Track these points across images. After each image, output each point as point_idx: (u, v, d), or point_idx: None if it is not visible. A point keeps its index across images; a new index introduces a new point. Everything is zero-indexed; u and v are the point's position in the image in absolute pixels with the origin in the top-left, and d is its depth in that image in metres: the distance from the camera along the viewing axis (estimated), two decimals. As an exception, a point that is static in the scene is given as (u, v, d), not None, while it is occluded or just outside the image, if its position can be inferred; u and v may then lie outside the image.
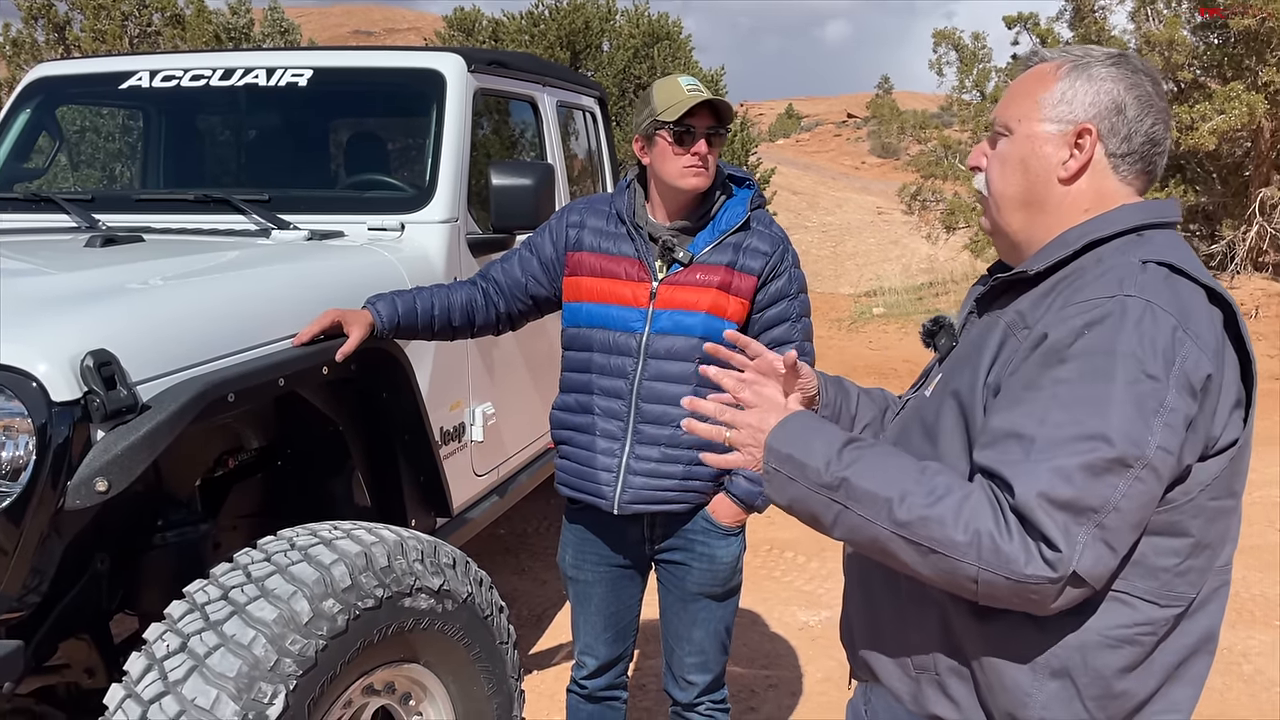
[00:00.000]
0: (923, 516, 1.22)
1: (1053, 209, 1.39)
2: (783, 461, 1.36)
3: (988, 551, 1.19)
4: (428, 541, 2.34)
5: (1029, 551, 1.17)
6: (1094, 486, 1.17)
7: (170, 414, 1.93)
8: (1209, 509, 1.27)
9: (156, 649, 1.98)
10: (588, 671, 2.62)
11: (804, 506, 1.35)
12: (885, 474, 1.28)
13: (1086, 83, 1.36)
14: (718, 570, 2.45)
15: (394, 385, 2.70)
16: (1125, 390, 1.18)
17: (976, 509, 1.20)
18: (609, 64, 15.47)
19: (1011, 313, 1.36)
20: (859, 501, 1.28)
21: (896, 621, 1.46)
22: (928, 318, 1.65)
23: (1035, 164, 1.39)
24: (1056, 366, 1.23)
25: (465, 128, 3.28)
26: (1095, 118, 1.35)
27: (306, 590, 2.02)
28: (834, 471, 1.30)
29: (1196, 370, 1.20)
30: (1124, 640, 1.28)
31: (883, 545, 1.27)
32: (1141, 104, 1.35)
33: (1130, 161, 1.36)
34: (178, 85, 3.45)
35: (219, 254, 2.69)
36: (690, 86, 2.27)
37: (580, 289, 2.38)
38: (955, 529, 1.20)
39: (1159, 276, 1.25)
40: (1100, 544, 1.18)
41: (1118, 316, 1.21)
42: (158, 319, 2.11)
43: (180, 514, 2.36)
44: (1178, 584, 1.28)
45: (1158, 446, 1.18)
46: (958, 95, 13.17)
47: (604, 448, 2.36)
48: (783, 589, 4.63)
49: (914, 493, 1.24)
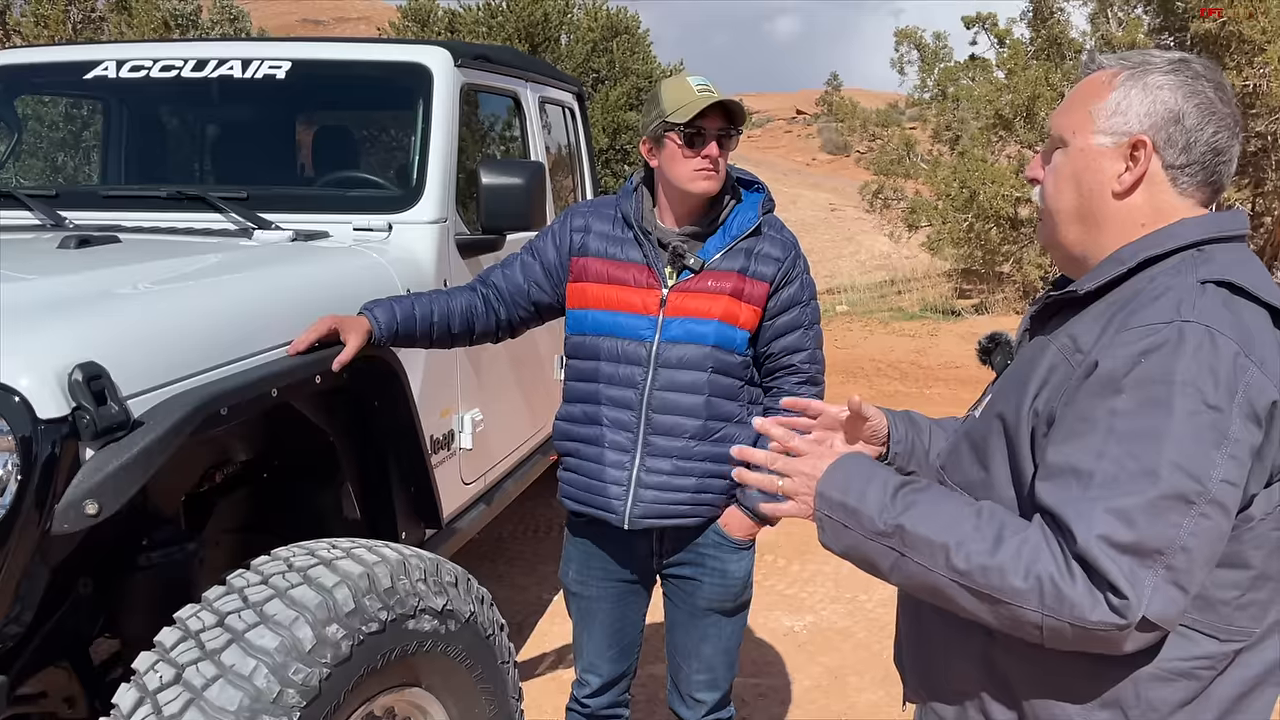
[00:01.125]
0: (983, 565, 1.18)
1: (1108, 224, 1.32)
2: (834, 509, 1.33)
3: (1050, 598, 1.14)
4: (430, 559, 2.24)
5: (1094, 597, 1.13)
6: (1157, 527, 1.12)
7: (165, 431, 1.81)
8: (1272, 539, 1.21)
9: (148, 680, 1.86)
10: (590, 690, 2.54)
11: (859, 554, 1.32)
12: (941, 519, 1.24)
13: (1142, 92, 1.29)
14: (729, 585, 2.38)
15: (387, 394, 2.59)
16: (1185, 422, 1.12)
17: (1036, 553, 1.16)
18: (568, 57, 15.33)
19: (1064, 336, 1.30)
20: (915, 549, 1.25)
21: (942, 647, 1.42)
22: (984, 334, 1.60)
23: (1089, 178, 1.32)
24: (1112, 397, 1.17)
25: (453, 124, 3.17)
26: (1151, 129, 1.28)
27: (309, 615, 1.91)
28: (887, 519, 1.27)
29: (1261, 397, 1.14)
30: (1180, 674, 1.23)
31: (942, 592, 1.24)
32: (1202, 111, 1.27)
33: (1191, 173, 1.29)
34: (147, 76, 3.29)
35: (203, 256, 2.55)
36: (701, 86, 2.18)
37: (586, 295, 2.29)
38: (1016, 575, 1.16)
39: (1218, 299, 1.19)
40: (1170, 586, 1.13)
41: (1175, 343, 1.15)
42: (148, 328, 1.98)
43: (166, 532, 2.23)
44: (1238, 617, 1.23)
45: (1221, 480, 1.13)
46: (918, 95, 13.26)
47: (613, 460, 2.28)
48: (765, 594, 4.57)
49: (972, 539, 1.20)
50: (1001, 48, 11.97)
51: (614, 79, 15.49)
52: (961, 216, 11.45)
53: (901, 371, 9.48)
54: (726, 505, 2.34)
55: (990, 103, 11.26)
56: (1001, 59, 11.71)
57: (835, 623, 4.29)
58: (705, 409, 2.25)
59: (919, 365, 9.69)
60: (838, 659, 3.97)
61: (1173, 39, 10.72)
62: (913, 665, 1.51)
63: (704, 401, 2.24)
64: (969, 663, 1.37)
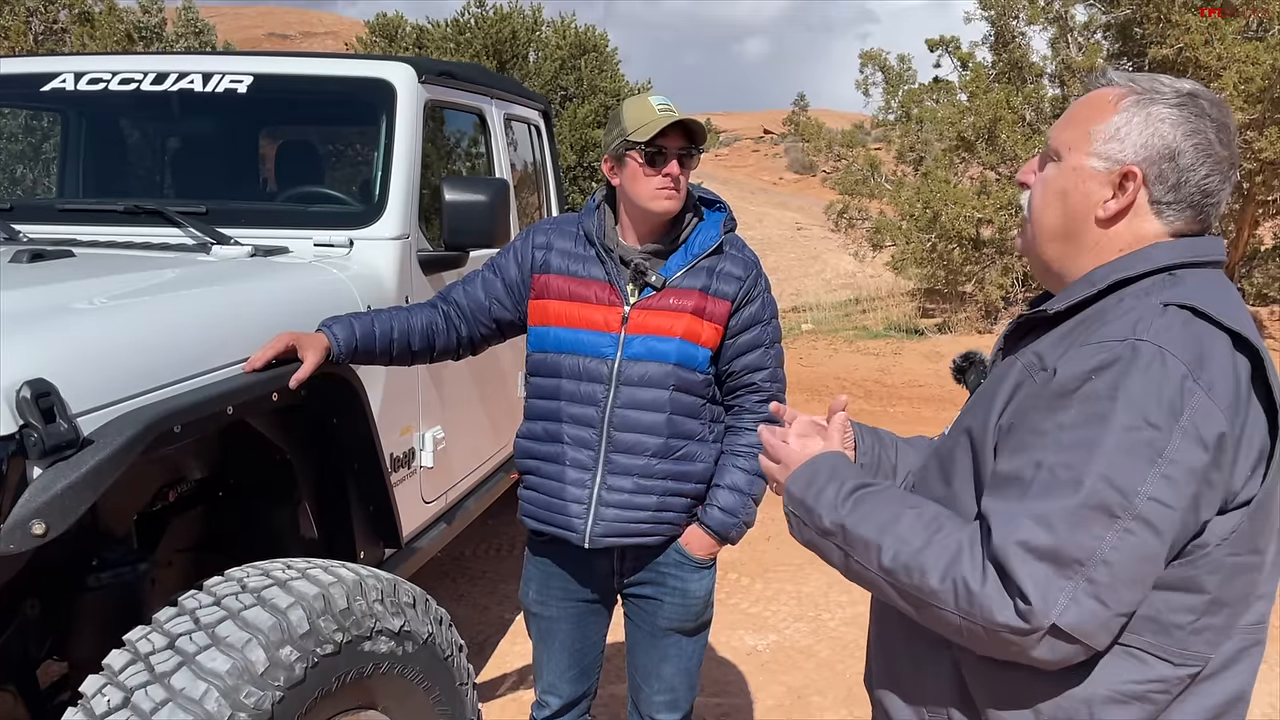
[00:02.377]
0: (906, 564, 1.22)
1: (1088, 247, 1.33)
2: (796, 504, 1.38)
3: (963, 599, 1.17)
4: (387, 579, 2.21)
5: (1003, 600, 1.14)
6: (1077, 536, 1.12)
7: (115, 450, 1.77)
8: (1227, 565, 1.21)
9: (96, 704, 1.81)
10: (550, 712, 2.52)
11: (815, 549, 1.37)
12: (880, 519, 1.28)
13: (1143, 122, 1.28)
14: (690, 604, 2.37)
15: (346, 412, 2.56)
16: (1120, 436, 1.13)
17: (957, 555, 1.19)
18: (536, 75, 15.35)
19: (1030, 354, 1.30)
20: (854, 548, 1.29)
21: (911, 667, 1.42)
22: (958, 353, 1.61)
23: (1075, 198, 1.33)
24: (1060, 411, 1.18)
25: (416, 140, 3.15)
26: (1144, 161, 1.27)
27: (262, 637, 1.88)
28: (834, 517, 1.32)
29: (1208, 423, 1.14)
30: (1134, 696, 1.23)
31: (880, 590, 1.28)
32: (1199, 152, 1.27)
33: (1177, 209, 1.29)
34: (105, 89, 3.24)
35: (159, 272, 2.51)
36: (662, 106, 2.19)
37: (548, 313, 2.29)
38: (934, 576, 1.19)
39: (1178, 320, 1.19)
40: (1090, 600, 1.13)
41: (1126, 361, 1.16)
42: (100, 344, 1.94)
43: (117, 552, 2.18)
44: (1193, 642, 1.23)
45: (1150, 497, 1.12)
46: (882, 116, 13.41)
47: (574, 478, 2.26)
48: (728, 612, 4.57)
49: (903, 539, 1.24)
50: (964, 71, 12.13)
51: (582, 96, 15.54)
52: (925, 237, 11.56)
53: (865, 390, 9.53)
54: (688, 524, 2.33)
55: (953, 125, 11.40)
56: (964, 82, 11.87)
57: (798, 641, 4.29)
58: (667, 427, 2.24)
59: (882, 384, 9.75)
60: (800, 678, 3.97)
61: (1131, 64, 10.92)
62: (881, 685, 1.50)
63: (666, 419, 2.24)
64: (937, 682, 1.37)
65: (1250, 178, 10.09)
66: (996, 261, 11.55)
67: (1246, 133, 9.54)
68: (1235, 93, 9.12)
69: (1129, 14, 10.41)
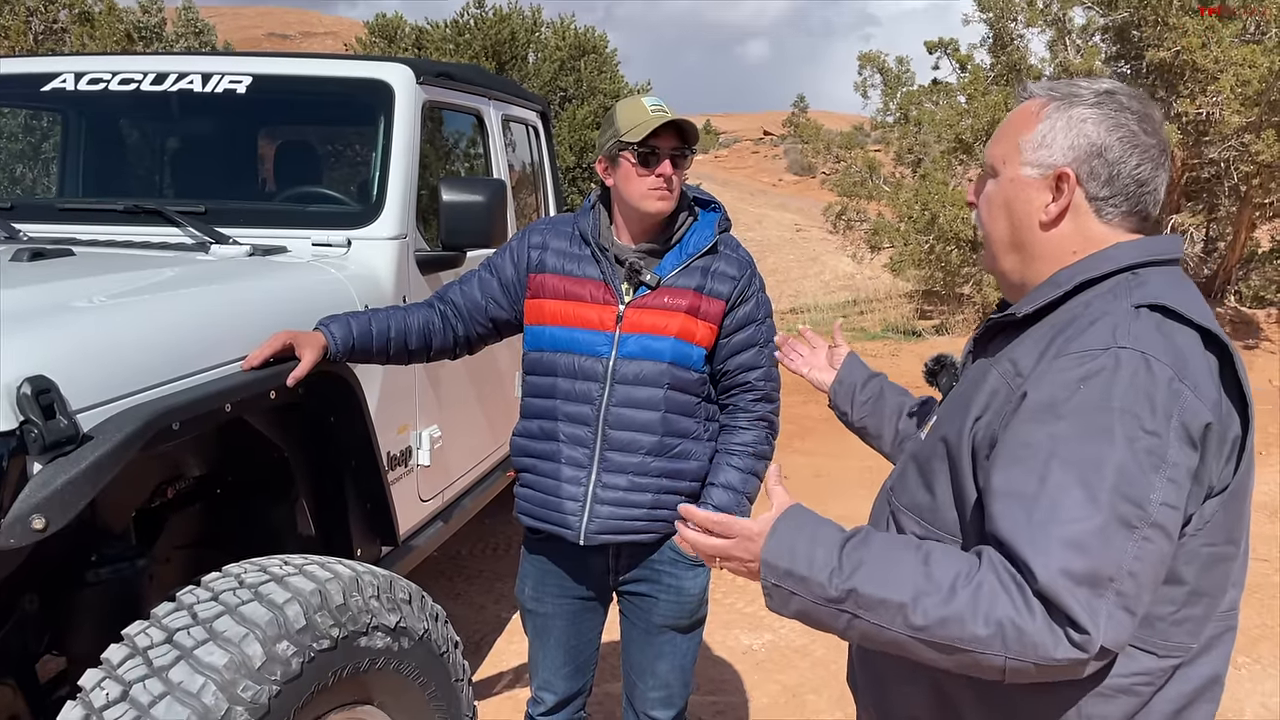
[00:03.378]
0: (941, 617, 1.17)
1: (1040, 253, 1.36)
2: (782, 578, 1.29)
3: (1013, 641, 1.14)
4: (383, 576, 2.23)
5: (1055, 635, 1.13)
6: (1105, 552, 1.13)
7: (114, 445, 1.79)
8: (1204, 555, 1.24)
9: (94, 698, 1.83)
10: (546, 708, 2.53)
11: (810, 619, 1.29)
12: (893, 576, 1.22)
13: (1066, 125, 1.33)
14: (684, 602, 2.39)
15: (344, 409, 2.58)
16: (1125, 448, 1.15)
17: (993, 597, 1.15)
18: (535, 75, 15.37)
19: (1005, 361, 1.32)
20: (870, 610, 1.22)
21: (893, 671, 1.43)
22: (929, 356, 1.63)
23: (1018, 208, 1.37)
24: (1053, 423, 1.19)
25: (414, 141, 3.17)
26: (1074, 162, 1.32)
27: (259, 632, 1.90)
28: (838, 584, 1.24)
29: (1195, 420, 1.17)
30: (1120, 690, 1.25)
31: (902, 647, 1.22)
32: (1125, 144, 1.31)
33: (1115, 204, 1.33)
34: (105, 89, 3.26)
35: (158, 270, 2.53)
36: (655, 106, 2.21)
37: (543, 312, 2.30)
38: (976, 623, 1.15)
39: (1151, 323, 1.22)
40: (1121, 612, 1.14)
41: (1112, 369, 1.18)
42: (99, 342, 1.96)
43: (115, 548, 2.20)
44: (1175, 633, 1.25)
45: (1161, 503, 1.15)
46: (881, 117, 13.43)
47: (569, 476, 2.28)
48: (724, 611, 4.58)
49: (926, 592, 1.19)
50: (963, 73, 12.16)
51: (581, 98, 15.55)
52: (923, 238, 11.59)
53: (863, 391, 9.52)
54: (682, 522, 2.35)
55: (951, 127, 11.43)
56: (963, 84, 11.90)
57: (793, 641, 4.31)
58: (662, 425, 2.26)
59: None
60: (795, 677, 3.99)
61: (1129, 66, 10.94)
62: (863, 687, 1.52)
63: (660, 418, 2.26)
64: (917, 687, 1.38)
65: (1247, 180, 10.12)
66: (994, 263, 11.54)
67: (1244, 136, 9.57)
68: (1232, 95, 9.15)
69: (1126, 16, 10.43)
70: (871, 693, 1.50)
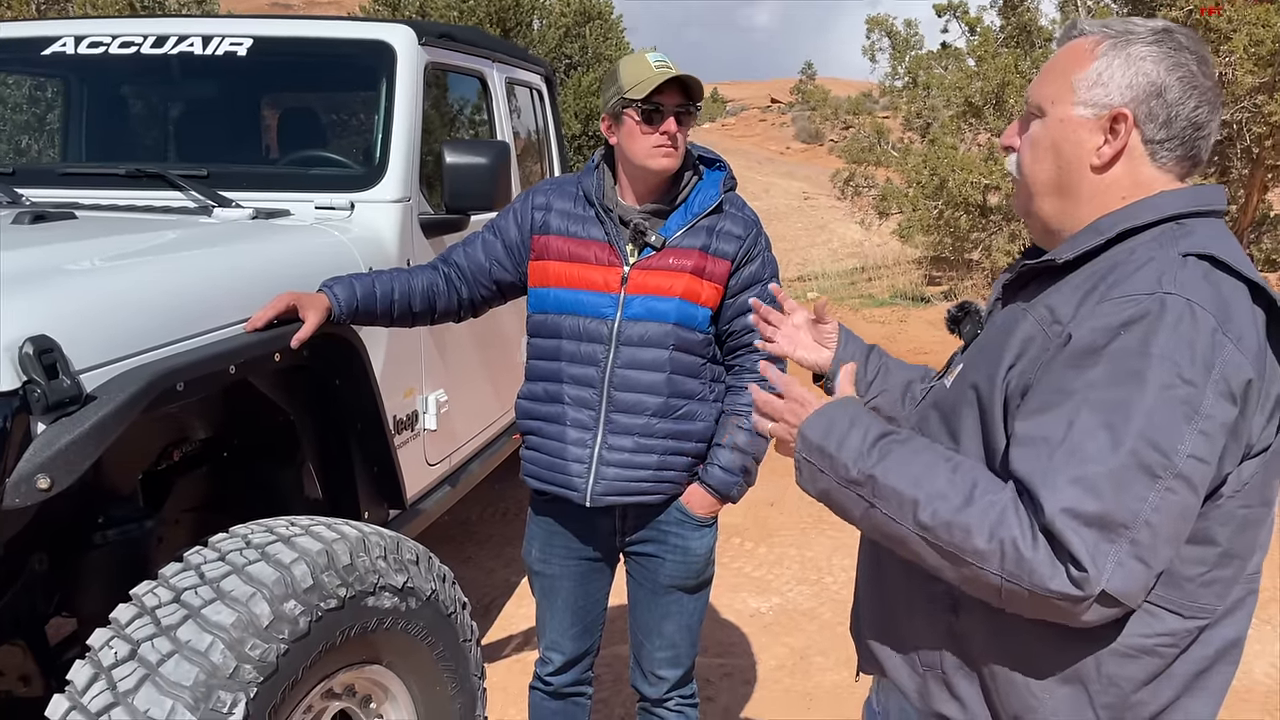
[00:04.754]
0: (948, 521, 1.17)
1: (1086, 197, 1.31)
2: (813, 452, 1.32)
3: (1011, 562, 1.13)
4: (390, 537, 2.23)
5: (1055, 567, 1.12)
6: (1122, 499, 1.11)
7: (118, 405, 1.79)
8: (1239, 517, 1.20)
9: (103, 656, 1.85)
10: (554, 668, 2.54)
11: (831, 499, 1.32)
12: (914, 472, 1.23)
13: (1124, 63, 1.26)
14: (691, 562, 2.39)
15: (349, 372, 2.58)
16: (1157, 395, 1.11)
17: (1003, 515, 1.15)
18: (540, 42, 15.25)
19: (1041, 307, 1.28)
20: (885, 499, 1.24)
21: (907, 616, 1.41)
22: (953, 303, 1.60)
23: (1068, 150, 1.31)
24: (1090, 368, 1.16)
25: (417, 103, 3.15)
26: (1132, 102, 1.26)
27: (266, 591, 1.91)
28: (862, 467, 1.26)
29: (1237, 375, 1.13)
30: (1144, 650, 1.22)
31: (907, 544, 1.23)
32: (1184, 85, 1.25)
33: (1170, 147, 1.27)
34: (105, 53, 3.24)
35: (160, 233, 2.52)
36: (658, 62, 2.18)
37: (548, 274, 2.29)
38: (980, 536, 1.15)
39: (1199, 272, 1.18)
40: (1134, 561, 1.11)
41: (1155, 316, 1.14)
42: (101, 303, 1.95)
43: (123, 510, 2.21)
44: (1203, 594, 1.22)
45: (1189, 455, 1.11)
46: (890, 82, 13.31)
47: (575, 438, 2.28)
48: (732, 575, 4.60)
49: (942, 495, 1.19)
50: (972, 35, 12.02)
51: (586, 65, 15.44)
52: (931, 204, 11.51)
53: (871, 357, 9.50)
54: (689, 483, 2.35)
55: (960, 90, 11.31)
56: (972, 47, 11.77)
57: (801, 604, 4.32)
58: (667, 386, 2.25)
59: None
60: (803, 640, 4.00)
61: (1140, 28, 10.77)
62: (872, 635, 1.50)
63: (665, 379, 2.25)
64: (933, 631, 1.36)
65: (1260, 142, 10.01)
66: (1004, 228, 11.49)
67: (1257, 97, 9.45)
68: (1245, 56, 9.03)
69: (1139, -24, 10.31)
70: (878, 629, 1.48)
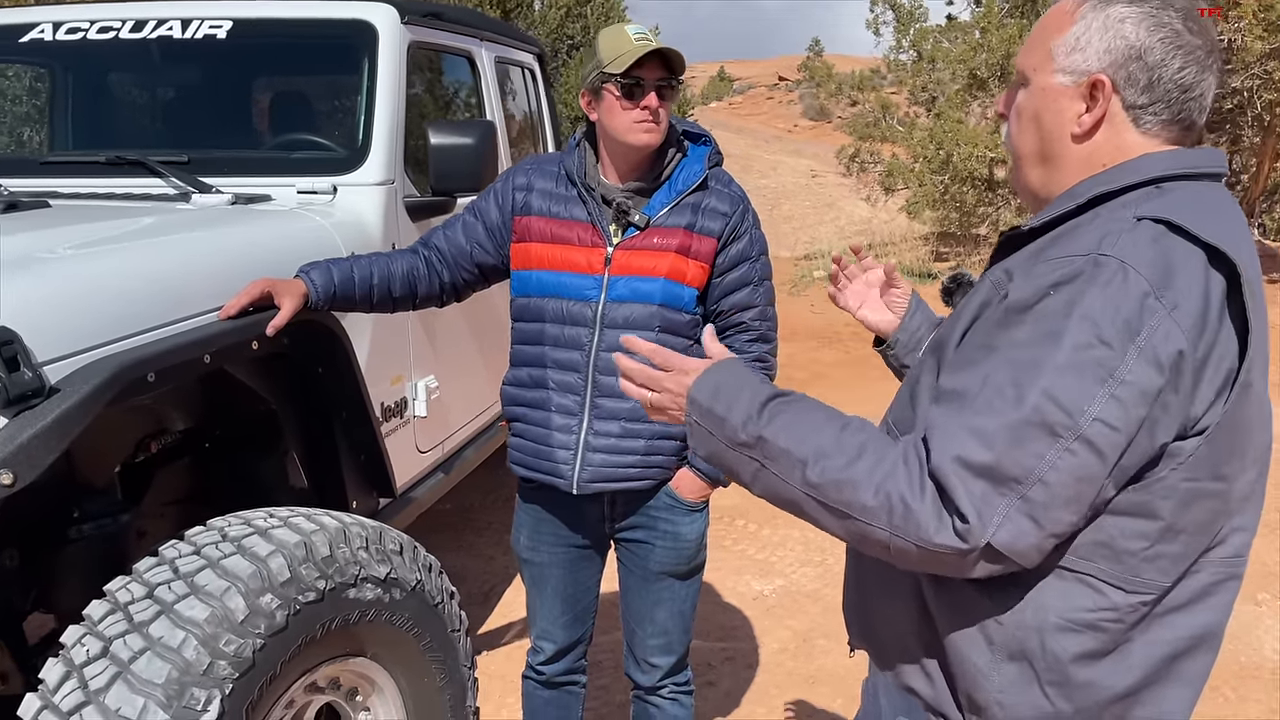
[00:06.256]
0: (835, 479, 1.16)
1: (1069, 166, 1.26)
2: (703, 415, 1.31)
3: (898, 516, 1.12)
4: (372, 527, 2.19)
5: (940, 519, 1.10)
6: (1014, 453, 1.08)
7: (82, 398, 1.74)
8: (1182, 490, 1.15)
9: (75, 654, 1.81)
10: (545, 657, 2.50)
11: (722, 462, 1.30)
12: (802, 432, 1.21)
13: (1102, 26, 1.21)
14: (682, 548, 2.34)
15: (331, 360, 2.53)
16: (1070, 354, 1.08)
17: (891, 470, 1.13)
18: (541, 23, 15.11)
19: (999, 270, 1.25)
20: (774, 460, 1.22)
21: (880, 590, 1.39)
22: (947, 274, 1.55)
23: (1049, 119, 1.27)
24: (1015, 327, 1.13)
25: (400, 83, 3.08)
26: (1110, 67, 1.21)
27: (241, 585, 1.87)
28: (751, 429, 1.24)
29: (1166, 344, 1.08)
30: (1085, 625, 1.19)
31: (799, 507, 1.22)
32: (1167, 45, 1.20)
33: (1155, 111, 1.22)
34: (84, 38, 3.19)
35: (134, 220, 2.47)
36: (638, 35, 2.11)
37: (530, 256, 2.23)
38: (866, 491, 1.14)
39: (1148, 235, 1.12)
40: (1023, 518, 1.09)
41: (1087, 277, 1.10)
42: (67, 292, 1.90)
43: (98, 503, 2.17)
44: (1145, 569, 1.18)
45: (1096, 418, 1.07)
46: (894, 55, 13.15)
47: (560, 424, 2.23)
48: (735, 558, 4.55)
49: (830, 453, 1.18)
50: (978, 6, 11.86)
51: (588, 45, 15.32)
52: (937, 179, 11.39)
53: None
54: (678, 467, 2.30)
55: (964, 63, 11.17)
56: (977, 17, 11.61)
57: (804, 586, 4.28)
58: (653, 369, 2.19)
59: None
60: (806, 622, 3.96)
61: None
62: (853, 610, 1.49)
63: (652, 364, 2.19)
64: (904, 606, 1.34)
65: (1270, 109, 9.85)
66: (1010, 202, 11.37)
67: (1268, 63, 9.30)
68: (1255, 21, 8.88)
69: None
70: (856, 602, 1.47)
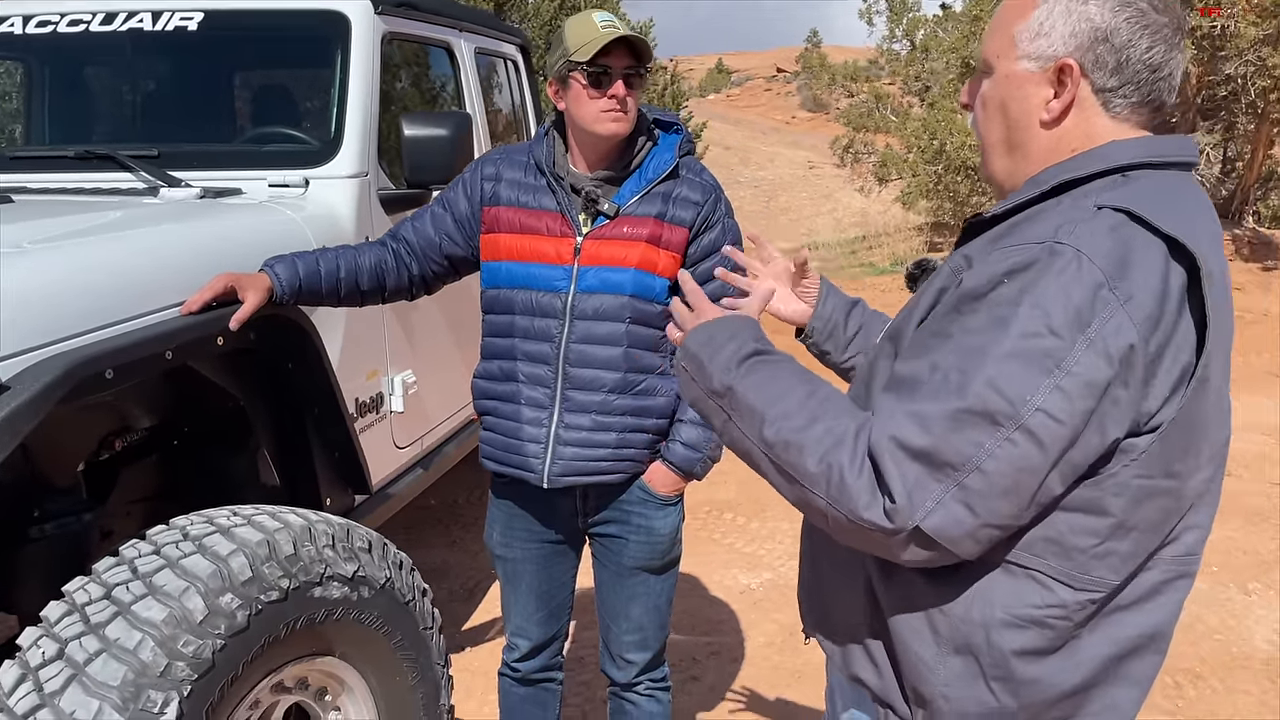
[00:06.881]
0: (786, 440, 1.17)
1: (1038, 154, 1.23)
2: (689, 358, 1.33)
3: (834, 487, 1.12)
4: (339, 525, 2.15)
5: (873, 495, 1.10)
6: (952, 439, 1.06)
7: (33, 395, 1.71)
8: (1134, 487, 1.12)
9: (31, 656, 1.77)
10: (520, 654, 2.47)
11: (700, 408, 1.32)
12: (772, 391, 1.22)
13: (1065, 9, 1.18)
14: (656, 543, 2.31)
15: (300, 355, 2.49)
16: (1016, 343, 1.06)
17: (838, 441, 1.13)
18: (534, 16, 15.03)
19: (959, 257, 1.22)
20: (739, 413, 1.24)
21: (831, 578, 1.38)
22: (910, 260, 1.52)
23: (1015, 107, 1.23)
24: (967, 315, 1.11)
25: (373, 74, 3.04)
26: (1076, 50, 1.18)
27: (200, 585, 1.83)
28: (724, 379, 1.26)
29: (1117, 337, 1.05)
30: (1031, 621, 1.17)
31: (754, 462, 1.23)
32: (1134, 25, 1.16)
33: (1125, 94, 1.19)
34: (54, 31, 3.15)
35: (98, 214, 2.43)
36: (605, 23, 2.07)
37: (499, 247, 2.20)
38: (812, 458, 1.14)
39: (1107, 225, 1.09)
40: (958, 505, 1.07)
41: (1041, 266, 1.07)
42: (20, 288, 1.86)
43: (61, 502, 2.13)
44: (1095, 566, 1.15)
45: (1039, 409, 1.05)
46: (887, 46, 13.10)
47: (530, 417, 2.19)
48: (723, 551, 4.53)
49: (790, 414, 1.18)
50: (972, -4, 11.80)
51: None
52: (931, 169, 11.34)
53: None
54: (650, 461, 2.26)
55: (957, 52, 11.11)
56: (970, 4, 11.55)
57: (792, 580, 4.24)
58: (624, 361, 2.16)
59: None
60: (793, 616, 3.92)
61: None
62: (806, 598, 1.47)
63: (622, 354, 2.16)
64: (853, 594, 1.32)
65: (1264, 96, 9.80)
66: (1005, 192, 11.31)
67: (1261, 49, 9.24)
68: (1248, 7, 8.82)
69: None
70: (808, 589, 1.45)
